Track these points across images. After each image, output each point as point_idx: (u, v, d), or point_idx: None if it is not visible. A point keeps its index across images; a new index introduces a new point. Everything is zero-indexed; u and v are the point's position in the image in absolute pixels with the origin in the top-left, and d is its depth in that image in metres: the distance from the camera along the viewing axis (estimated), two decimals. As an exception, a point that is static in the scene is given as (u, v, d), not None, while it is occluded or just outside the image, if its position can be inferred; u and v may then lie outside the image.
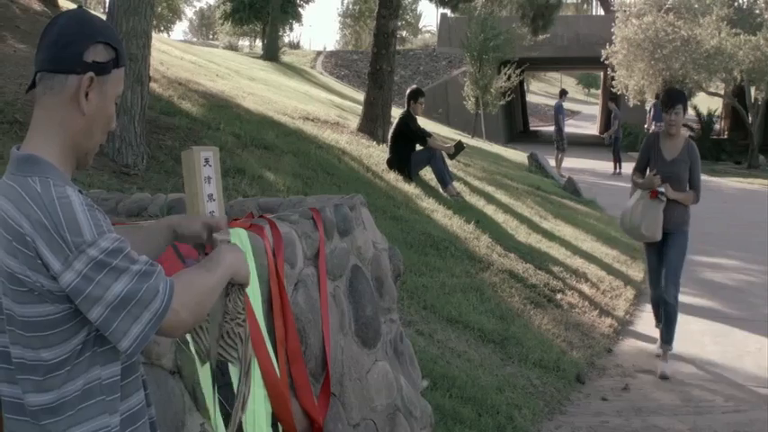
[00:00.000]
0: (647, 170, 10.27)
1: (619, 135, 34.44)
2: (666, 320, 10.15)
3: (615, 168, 33.43)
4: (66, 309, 2.66)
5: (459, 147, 17.24)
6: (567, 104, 35.70)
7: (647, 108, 36.66)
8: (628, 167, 31.63)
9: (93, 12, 2.89)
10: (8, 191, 2.69)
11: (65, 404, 2.73)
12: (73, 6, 25.48)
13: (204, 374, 4.16)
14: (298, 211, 5.62)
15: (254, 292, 4.59)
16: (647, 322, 12.03)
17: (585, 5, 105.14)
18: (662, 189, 9.85)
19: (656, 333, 11.07)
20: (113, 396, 2.82)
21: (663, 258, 10.21)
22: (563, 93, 33.73)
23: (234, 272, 3.15)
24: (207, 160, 5.10)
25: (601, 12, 74.51)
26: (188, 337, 3.99)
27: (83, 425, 2.76)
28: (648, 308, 12.70)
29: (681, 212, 10.07)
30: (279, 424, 4.66)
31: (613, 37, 43.63)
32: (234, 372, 3.84)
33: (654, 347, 10.63)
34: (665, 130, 10.13)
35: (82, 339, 2.72)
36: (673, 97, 9.98)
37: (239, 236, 4.69)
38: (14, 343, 2.73)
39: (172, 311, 2.70)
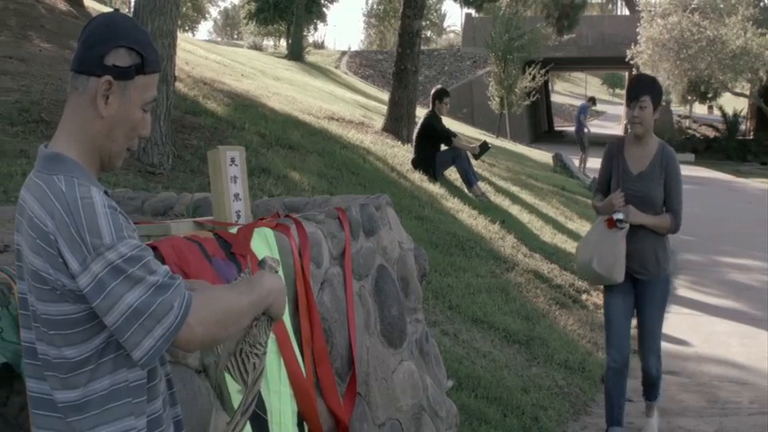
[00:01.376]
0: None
1: None
2: (649, 385, 7.91)
3: None
4: (86, 309, 2.67)
5: (485, 147, 17.21)
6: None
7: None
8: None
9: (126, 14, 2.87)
10: (34, 188, 2.70)
11: (90, 402, 2.74)
12: (98, 6, 25.64)
13: (231, 376, 4.16)
14: (323, 211, 5.61)
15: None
16: (672, 323, 11.94)
17: (610, 5, 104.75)
18: (619, 215, 7.15)
19: (683, 333, 11.03)
20: (140, 399, 2.83)
21: (631, 312, 7.59)
22: (591, 100, 33.78)
23: (269, 304, 3.11)
24: (233, 160, 5.12)
25: (626, 12, 74.34)
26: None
27: (109, 425, 2.77)
28: (675, 308, 12.64)
29: (654, 246, 7.33)
30: (305, 423, 4.66)
31: (638, 37, 43.57)
32: (233, 386, 3.82)
33: (683, 347, 10.52)
34: (631, 132, 7.38)
35: (104, 339, 2.73)
36: (637, 85, 7.31)
37: (266, 235, 4.69)
38: (39, 339, 2.75)
39: (186, 327, 2.68)
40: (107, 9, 24.57)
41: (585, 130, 30.91)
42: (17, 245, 2.79)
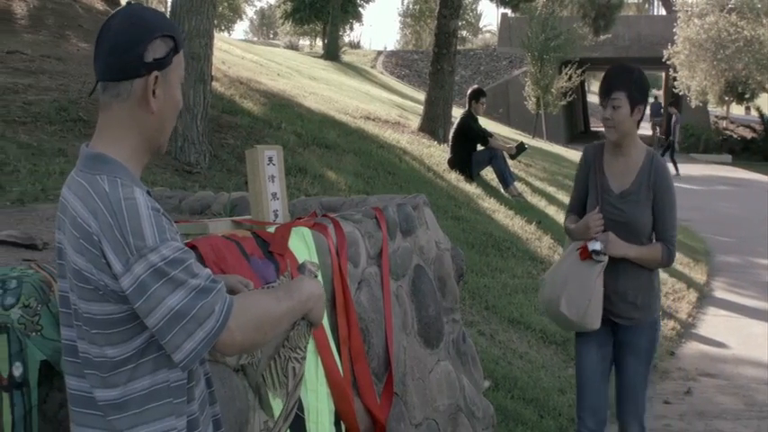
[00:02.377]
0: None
1: (675, 139, 34.31)
2: None
3: (675, 170, 33.18)
4: (128, 309, 2.67)
5: (521, 148, 17.18)
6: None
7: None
8: (686, 169, 31.49)
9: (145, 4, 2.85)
10: (77, 188, 2.70)
11: (130, 402, 2.74)
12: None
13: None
14: (361, 211, 5.61)
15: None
16: (710, 325, 11.92)
17: (647, 5, 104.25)
18: (595, 245, 5.64)
19: (721, 335, 10.98)
20: (180, 399, 2.83)
21: (608, 366, 6.06)
22: None
23: (308, 309, 3.12)
24: (271, 159, 5.13)
25: (662, 12, 73.88)
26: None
27: (149, 425, 2.77)
28: (712, 310, 12.58)
29: (640, 284, 5.79)
30: (342, 422, 4.66)
31: (675, 37, 43.34)
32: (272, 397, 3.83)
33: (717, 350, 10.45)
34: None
35: (145, 339, 2.72)
36: (608, 79, 5.70)
37: (303, 234, 4.69)
38: (81, 338, 2.75)
39: (227, 331, 2.68)
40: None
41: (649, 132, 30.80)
42: (58, 243, 2.79)
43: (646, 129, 46.05)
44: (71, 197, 2.70)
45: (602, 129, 5.82)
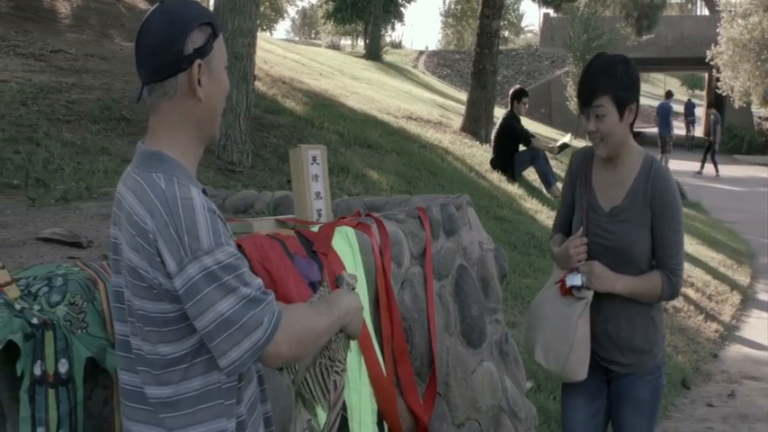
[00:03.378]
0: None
1: (716, 140, 34.08)
2: None
3: (716, 171, 32.99)
4: (181, 308, 2.68)
5: (564, 147, 17.14)
6: (675, 106, 35.43)
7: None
8: (729, 170, 31.28)
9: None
10: (134, 185, 2.72)
11: (182, 401, 2.76)
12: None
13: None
14: (404, 210, 5.61)
15: (362, 291, 4.58)
16: (753, 328, 11.83)
17: (690, 5, 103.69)
18: (575, 280, 4.57)
19: (764, 337, 10.88)
20: (230, 401, 2.85)
21: (602, 424, 4.96)
22: (669, 95, 33.52)
23: (346, 323, 3.15)
24: (314, 158, 5.13)
25: (705, 12, 73.54)
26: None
27: (202, 425, 2.79)
28: (755, 313, 12.49)
29: (636, 323, 4.65)
30: (384, 422, 4.66)
31: (718, 37, 43.03)
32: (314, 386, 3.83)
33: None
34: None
35: (199, 339, 2.73)
36: (587, 81, 4.49)
37: (347, 234, 4.69)
38: (134, 334, 2.77)
39: (273, 344, 2.69)
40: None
41: (683, 132, 30.66)
42: (114, 239, 2.82)
43: (681, 129, 45.72)
44: (127, 194, 2.73)
45: (644, 129, 5.44)
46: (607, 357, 4.67)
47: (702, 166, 33.16)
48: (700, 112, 55.37)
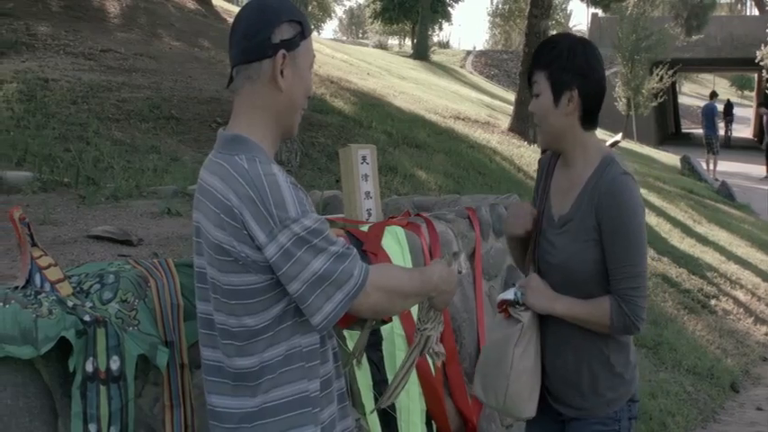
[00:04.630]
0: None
1: None
2: None
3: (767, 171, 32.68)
4: (268, 279, 2.82)
5: (615, 143, 17.04)
6: (719, 107, 35.14)
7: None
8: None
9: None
10: (216, 168, 2.86)
11: (265, 368, 2.87)
12: (226, 5, 26.00)
13: (362, 372, 4.18)
14: (453, 210, 5.60)
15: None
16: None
17: (740, 6, 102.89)
18: (508, 294, 3.85)
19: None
20: (313, 363, 2.96)
21: None
22: (714, 95, 33.28)
23: (437, 293, 3.21)
24: (364, 158, 5.13)
25: (755, 12, 72.96)
26: (345, 333, 4.01)
27: (283, 387, 2.90)
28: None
29: (586, 357, 3.79)
30: (433, 422, 4.65)
31: (768, 38, 42.69)
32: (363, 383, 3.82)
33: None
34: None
35: (283, 308, 2.87)
36: (532, 58, 3.83)
37: (397, 234, 4.68)
38: (218, 310, 2.89)
39: (364, 293, 2.85)
40: (234, 8, 24.99)
41: (722, 132, 30.38)
42: (196, 222, 2.94)
43: (741, 131, 45.35)
44: (209, 177, 2.87)
45: (694, 130, 4.69)
46: (556, 395, 3.89)
47: None
48: (739, 111, 55.04)
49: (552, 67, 3.65)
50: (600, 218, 3.59)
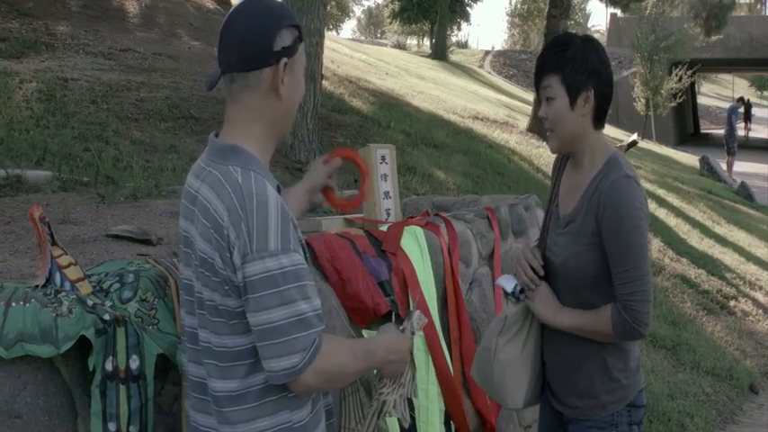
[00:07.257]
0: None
1: None
2: None
3: None
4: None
5: (633, 144, 17.01)
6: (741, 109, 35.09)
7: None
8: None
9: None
10: (209, 178, 2.76)
11: (248, 395, 2.76)
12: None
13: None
14: (473, 211, 5.59)
15: (429, 291, 4.58)
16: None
17: (759, 6, 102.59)
18: (509, 283, 3.91)
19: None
20: (293, 394, 2.82)
21: None
22: (741, 101, 33.31)
23: (384, 364, 3.08)
24: (383, 158, 5.13)
25: (776, 12, 72.76)
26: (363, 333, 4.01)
27: (266, 418, 2.79)
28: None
29: (581, 359, 3.80)
30: (451, 422, 4.65)
31: (788, 38, 42.62)
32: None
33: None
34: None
35: None
36: (540, 60, 3.80)
37: (416, 234, 4.68)
38: (202, 327, 2.80)
39: (304, 374, 2.69)
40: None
41: (740, 132, 30.29)
42: (185, 231, 2.85)
43: (760, 131, 45.17)
44: (201, 186, 2.77)
45: (713, 130, 4.63)
46: (555, 393, 3.93)
47: None
48: (758, 112, 54.91)
49: (567, 69, 3.63)
50: (599, 221, 3.57)
